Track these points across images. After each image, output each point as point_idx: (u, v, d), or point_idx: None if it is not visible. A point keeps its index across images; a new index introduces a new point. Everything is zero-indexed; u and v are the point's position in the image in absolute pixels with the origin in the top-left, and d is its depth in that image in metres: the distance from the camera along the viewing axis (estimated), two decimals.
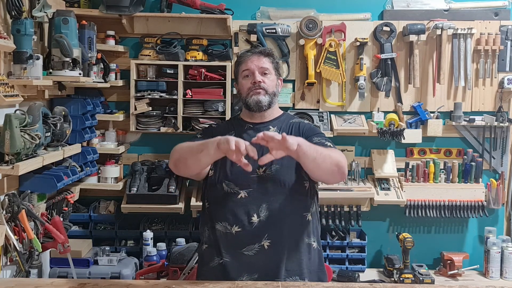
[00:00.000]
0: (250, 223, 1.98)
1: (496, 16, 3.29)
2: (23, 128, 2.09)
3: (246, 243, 1.99)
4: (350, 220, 3.23)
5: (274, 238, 1.98)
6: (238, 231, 1.98)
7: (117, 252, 3.06)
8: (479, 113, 3.30)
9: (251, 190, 2.00)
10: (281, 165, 2.01)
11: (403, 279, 3.02)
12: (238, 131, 2.13)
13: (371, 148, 3.36)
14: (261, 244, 1.98)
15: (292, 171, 2.04)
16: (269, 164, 1.98)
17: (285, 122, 2.17)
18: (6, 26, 2.29)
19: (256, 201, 2.00)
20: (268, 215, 1.99)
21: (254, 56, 2.13)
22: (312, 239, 2.08)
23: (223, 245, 2.02)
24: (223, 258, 2.01)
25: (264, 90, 2.09)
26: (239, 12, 3.25)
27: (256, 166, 1.98)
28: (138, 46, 3.31)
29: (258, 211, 1.98)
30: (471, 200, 3.24)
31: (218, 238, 2.03)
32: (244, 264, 1.98)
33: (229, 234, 2.00)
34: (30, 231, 2.24)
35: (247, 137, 2.05)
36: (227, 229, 2.00)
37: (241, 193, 2.00)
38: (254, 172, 1.99)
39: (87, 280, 1.95)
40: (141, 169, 3.20)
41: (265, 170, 2.01)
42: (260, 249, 1.98)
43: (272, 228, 1.98)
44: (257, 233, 1.98)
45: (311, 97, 3.32)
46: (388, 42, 3.24)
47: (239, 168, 1.95)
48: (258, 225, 1.98)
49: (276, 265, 1.98)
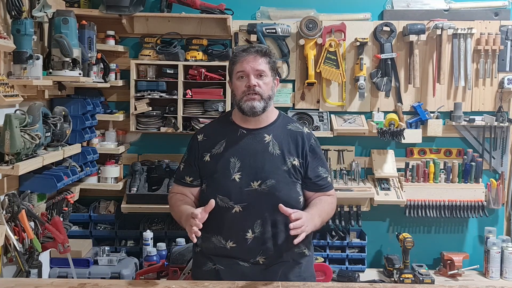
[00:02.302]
0: (245, 239, 1.96)
1: (496, 16, 3.29)
2: (23, 128, 2.09)
3: (241, 258, 1.98)
4: (350, 220, 3.23)
5: (268, 253, 1.97)
6: (232, 246, 1.97)
7: (117, 252, 3.06)
8: (479, 113, 3.30)
9: (245, 204, 1.96)
10: (277, 180, 1.97)
11: (403, 279, 3.02)
12: (231, 138, 2.04)
13: (371, 148, 3.36)
14: (256, 260, 1.97)
15: (288, 187, 2.00)
16: (264, 179, 1.96)
17: (280, 127, 2.07)
18: (6, 26, 2.28)
19: (250, 216, 1.96)
20: (263, 231, 1.96)
21: (250, 56, 2.00)
22: (303, 247, 2.06)
23: (216, 255, 2.01)
24: (216, 264, 2.00)
25: (259, 95, 1.98)
26: (239, 12, 3.25)
27: (251, 178, 1.96)
28: (138, 46, 3.32)
29: (253, 227, 1.95)
30: (471, 200, 3.24)
31: (211, 248, 2.01)
32: (238, 273, 1.96)
33: (223, 248, 1.98)
34: (30, 231, 2.24)
35: (242, 144, 2.02)
36: (221, 243, 1.98)
37: (235, 208, 1.96)
38: (249, 185, 1.96)
39: (87, 280, 1.94)
40: (141, 169, 3.21)
41: (260, 184, 1.96)
42: (255, 263, 1.97)
43: (266, 244, 1.96)
44: (252, 249, 1.96)
45: (311, 97, 3.32)
46: (388, 42, 3.24)
47: (232, 182, 1.95)
48: (253, 241, 1.96)
49: (271, 277, 1.95)
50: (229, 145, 2.02)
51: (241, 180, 1.96)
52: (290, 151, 2.02)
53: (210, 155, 2.03)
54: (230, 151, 2.01)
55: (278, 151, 2.01)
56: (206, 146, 2.05)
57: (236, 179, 1.96)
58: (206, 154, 2.04)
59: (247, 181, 1.96)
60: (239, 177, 1.97)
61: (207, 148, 2.05)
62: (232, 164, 1.98)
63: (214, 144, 2.04)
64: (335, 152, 3.33)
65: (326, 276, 2.80)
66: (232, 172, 1.97)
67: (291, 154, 2.02)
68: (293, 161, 2.01)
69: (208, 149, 2.04)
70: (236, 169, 1.97)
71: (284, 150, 2.02)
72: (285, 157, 2.01)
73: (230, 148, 2.01)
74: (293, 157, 2.02)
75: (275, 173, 1.98)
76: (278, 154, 2.00)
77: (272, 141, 2.02)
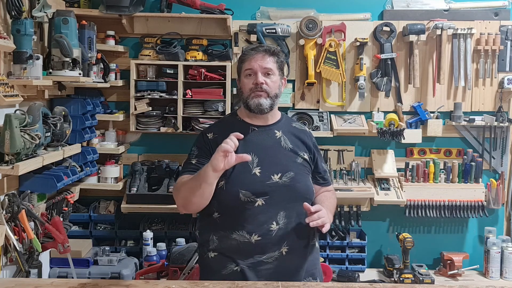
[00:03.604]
0: (270, 231, 1.96)
1: (496, 16, 3.29)
2: (23, 128, 2.09)
3: (266, 251, 1.96)
4: (350, 220, 3.23)
5: (292, 244, 1.98)
6: (257, 240, 1.95)
7: (117, 252, 3.06)
8: (479, 113, 3.30)
9: (267, 197, 1.97)
10: (295, 172, 2.02)
11: (403, 279, 3.02)
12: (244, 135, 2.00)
13: (371, 148, 3.36)
14: (280, 251, 1.97)
15: (304, 178, 2.05)
16: (284, 171, 2.00)
17: (287, 125, 2.14)
18: (6, 26, 2.28)
19: (274, 208, 1.97)
20: (287, 222, 1.98)
21: (259, 55, 2.04)
22: (315, 240, 2.12)
23: (240, 253, 1.98)
24: (239, 265, 1.97)
25: (266, 93, 2.02)
26: (239, 12, 3.25)
27: (271, 172, 1.98)
28: (138, 46, 3.31)
29: (277, 219, 1.97)
30: (471, 200, 3.24)
31: (233, 246, 1.98)
32: (263, 270, 1.96)
33: (247, 243, 1.96)
34: (30, 231, 2.24)
35: (256, 140, 2.04)
36: (245, 238, 1.96)
37: (258, 201, 1.96)
38: (270, 179, 1.98)
39: (87, 280, 1.94)
40: (141, 169, 3.21)
41: (281, 177, 1.99)
42: (279, 256, 1.97)
43: (290, 235, 1.98)
44: (277, 241, 1.96)
45: (311, 97, 3.32)
46: (388, 42, 3.24)
47: (253, 176, 1.96)
48: (278, 232, 1.96)
49: (295, 269, 1.98)
50: (243, 142, 1.98)
51: (261, 174, 1.98)
52: (299, 146, 2.09)
53: None
54: (245, 147, 1.99)
55: (290, 145, 2.07)
56: (218, 143, 1.93)
57: (256, 173, 1.98)
58: None
59: (268, 174, 1.98)
60: (259, 171, 1.98)
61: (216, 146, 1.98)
62: (251, 160, 1.97)
63: None
64: (335, 152, 3.33)
65: (326, 276, 2.79)
66: (252, 167, 1.98)
67: (300, 149, 2.09)
68: (304, 155, 2.08)
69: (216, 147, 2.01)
70: (255, 164, 1.99)
71: (294, 145, 2.08)
72: (297, 151, 2.07)
73: (244, 145, 2.00)
74: (302, 152, 2.09)
75: (292, 166, 2.03)
76: (290, 148, 2.07)
77: (283, 137, 2.08)
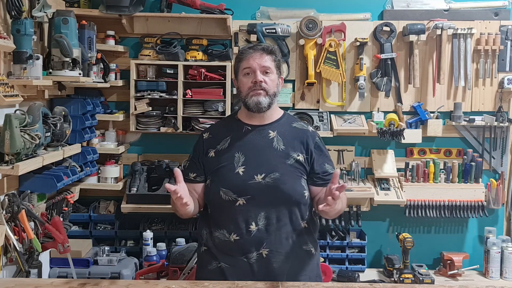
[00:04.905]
0: (248, 231, 1.97)
1: (496, 16, 3.29)
2: (23, 128, 2.09)
3: (245, 251, 1.98)
4: (350, 220, 3.23)
5: (272, 246, 1.97)
6: (236, 239, 1.98)
7: (117, 252, 3.06)
8: (479, 113, 3.30)
9: (249, 197, 1.97)
10: (281, 173, 1.99)
11: (403, 279, 3.02)
12: (236, 135, 2.08)
13: (371, 148, 3.36)
14: (259, 253, 1.97)
15: (292, 180, 2.01)
16: (268, 172, 1.98)
17: (285, 125, 2.12)
18: (6, 26, 2.28)
19: (254, 209, 1.97)
20: (266, 223, 1.97)
21: (256, 53, 2.05)
22: (310, 246, 2.08)
23: (221, 251, 2.01)
24: (220, 262, 2.01)
25: (264, 91, 2.03)
26: (239, 12, 3.25)
27: (255, 172, 1.98)
28: (138, 46, 3.31)
29: (257, 220, 1.97)
30: (471, 200, 3.24)
31: (216, 243, 2.02)
32: (243, 270, 1.97)
33: (227, 242, 1.99)
34: (30, 231, 2.24)
35: (247, 140, 2.05)
36: (225, 237, 1.99)
37: (239, 200, 1.97)
38: (252, 178, 1.98)
39: (87, 280, 1.94)
40: (141, 169, 3.21)
41: (264, 177, 1.98)
42: (259, 257, 1.97)
43: (270, 237, 1.97)
44: (256, 242, 1.97)
45: (311, 97, 3.32)
46: (388, 42, 3.24)
47: (235, 175, 1.97)
48: (257, 233, 1.97)
49: (276, 273, 1.96)
50: (233, 141, 2.05)
51: (244, 173, 1.98)
52: (295, 147, 2.06)
53: (215, 151, 2.07)
54: (234, 146, 2.04)
55: (282, 146, 2.04)
56: (211, 143, 2.08)
57: (239, 173, 1.99)
58: (211, 151, 2.07)
59: (251, 174, 1.98)
60: (242, 171, 1.99)
61: (212, 144, 2.08)
62: (237, 159, 2.01)
63: (219, 141, 2.08)
64: (335, 152, 3.33)
65: (326, 276, 2.80)
66: (236, 166, 1.99)
67: (295, 150, 2.05)
68: (297, 156, 2.04)
69: (213, 146, 2.08)
70: (240, 163, 2.00)
71: (288, 146, 2.05)
72: (289, 152, 2.04)
73: (234, 144, 2.04)
74: (297, 153, 2.05)
75: (280, 167, 2.00)
76: (282, 149, 2.04)
77: (276, 137, 2.06)
